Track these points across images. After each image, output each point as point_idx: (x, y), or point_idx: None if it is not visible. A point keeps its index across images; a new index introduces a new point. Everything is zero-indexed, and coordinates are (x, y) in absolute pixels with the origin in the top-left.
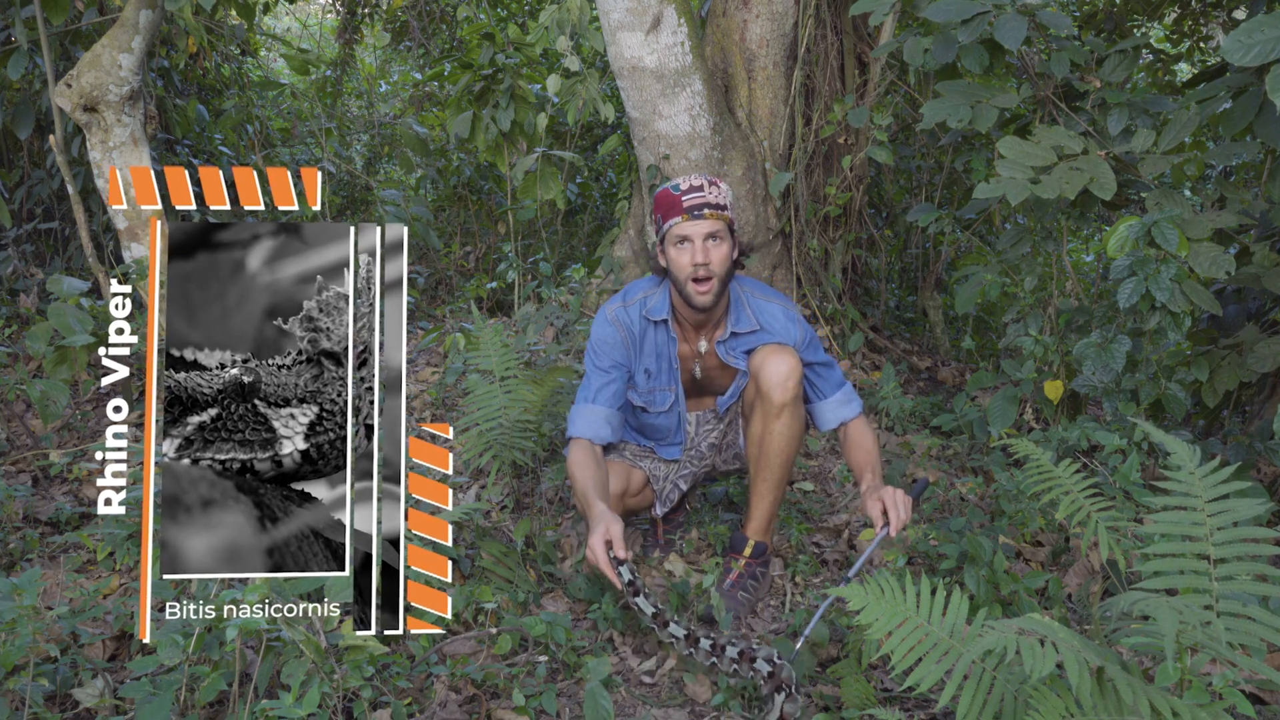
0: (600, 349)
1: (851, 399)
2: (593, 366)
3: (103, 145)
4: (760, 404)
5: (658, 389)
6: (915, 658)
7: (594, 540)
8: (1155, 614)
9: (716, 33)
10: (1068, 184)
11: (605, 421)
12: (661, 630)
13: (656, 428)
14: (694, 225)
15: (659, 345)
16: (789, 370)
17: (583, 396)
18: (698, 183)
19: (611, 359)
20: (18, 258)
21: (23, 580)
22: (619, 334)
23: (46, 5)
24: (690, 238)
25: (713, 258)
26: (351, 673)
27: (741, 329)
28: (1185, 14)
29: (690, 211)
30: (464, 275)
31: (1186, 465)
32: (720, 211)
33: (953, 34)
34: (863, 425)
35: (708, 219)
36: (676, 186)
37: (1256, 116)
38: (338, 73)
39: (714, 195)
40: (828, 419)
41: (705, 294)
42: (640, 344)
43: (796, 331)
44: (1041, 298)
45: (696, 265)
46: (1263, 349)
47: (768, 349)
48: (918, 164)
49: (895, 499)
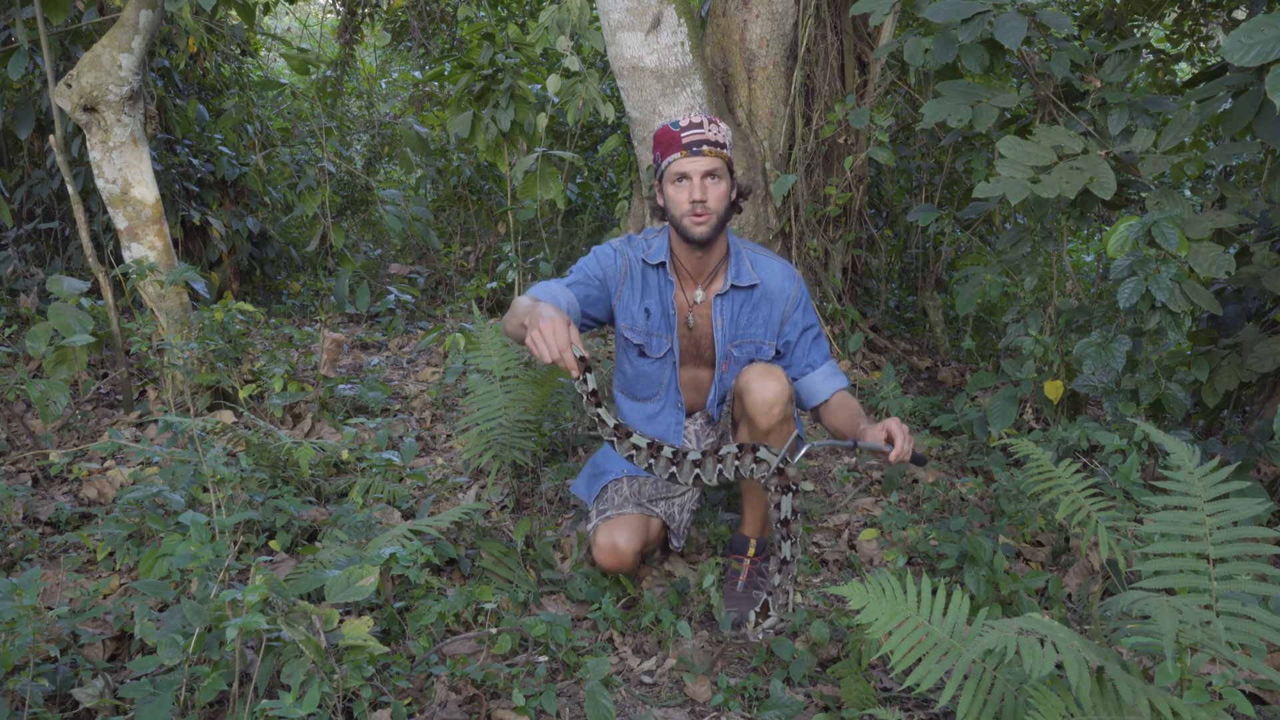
0: (594, 259)
1: (838, 371)
2: (578, 268)
3: (103, 145)
4: (746, 424)
5: (655, 333)
6: (915, 657)
7: (553, 321)
8: (1155, 614)
9: (716, 33)
10: (1068, 184)
11: (566, 304)
12: (622, 441)
13: (649, 379)
14: (692, 162)
15: (658, 288)
16: (775, 396)
17: (557, 280)
18: (697, 120)
19: (600, 272)
20: (18, 258)
21: (23, 580)
22: (620, 261)
23: (46, 5)
24: (689, 174)
25: (710, 195)
26: (351, 673)
27: (741, 282)
28: (1185, 14)
29: (689, 148)
30: (464, 275)
31: (1186, 465)
32: (719, 149)
33: (953, 34)
34: (848, 394)
35: (706, 155)
36: (676, 123)
37: (1256, 116)
38: (338, 72)
39: (713, 133)
40: (817, 391)
41: (701, 224)
42: (642, 281)
43: (792, 288)
44: (1041, 298)
45: (694, 203)
46: (1263, 349)
47: (755, 370)
48: (918, 164)
49: (903, 430)
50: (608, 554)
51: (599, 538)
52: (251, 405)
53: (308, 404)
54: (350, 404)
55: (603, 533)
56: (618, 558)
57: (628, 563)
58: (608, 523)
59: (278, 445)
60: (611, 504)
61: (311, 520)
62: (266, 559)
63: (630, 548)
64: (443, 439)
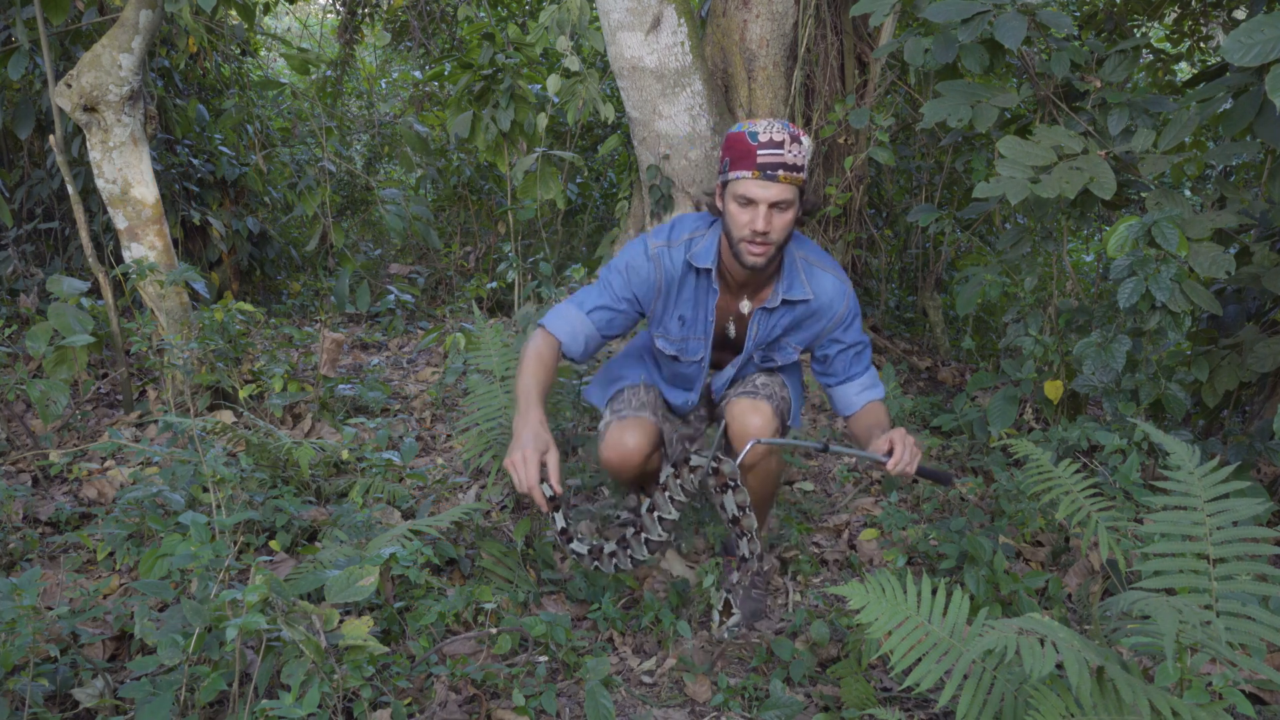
0: (625, 275)
1: (877, 382)
2: (605, 285)
3: (103, 145)
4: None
5: (691, 338)
6: (915, 657)
7: (527, 452)
8: (1155, 614)
9: (716, 33)
10: (1068, 184)
11: (585, 338)
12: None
13: (685, 377)
14: (763, 188)
15: (698, 294)
16: (755, 434)
17: (578, 301)
18: (779, 136)
19: (630, 292)
20: (18, 258)
21: (23, 580)
22: (654, 274)
23: (46, 5)
24: (756, 201)
25: (775, 225)
26: (351, 673)
27: (794, 296)
28: (1185, 14)
29: (763, 170)
30: (464, 275)
31: (1186, 465)
32: (795, 174)
33: (953, 34)
34: (881, 405)
35: (780, 182)
36: (755, 134)
37: (1256, 116)
38: (338, 72)
39: (793, 155)
40: (852, 401)
41: (759, 256)
42: (678, 290)
43: (840, 306)
44: (1041, 298)
45: (755, 233)
46: (1263, 349)
47: (744, 405)
48: (918, 164)
49: (906, 444)
50: (614, 450)
51: (609, 435)
52: (251, 405)
53: (308, 404)
54: (350, 404)
55: (614, 430)
56: (623, 454)
57: (633, 461)
58: (621, 422)
59: (278, 445)
60: (628, 406)
61: (311, 520)
62: (266, 559)
63: (638, 447)
64: (443, 439)
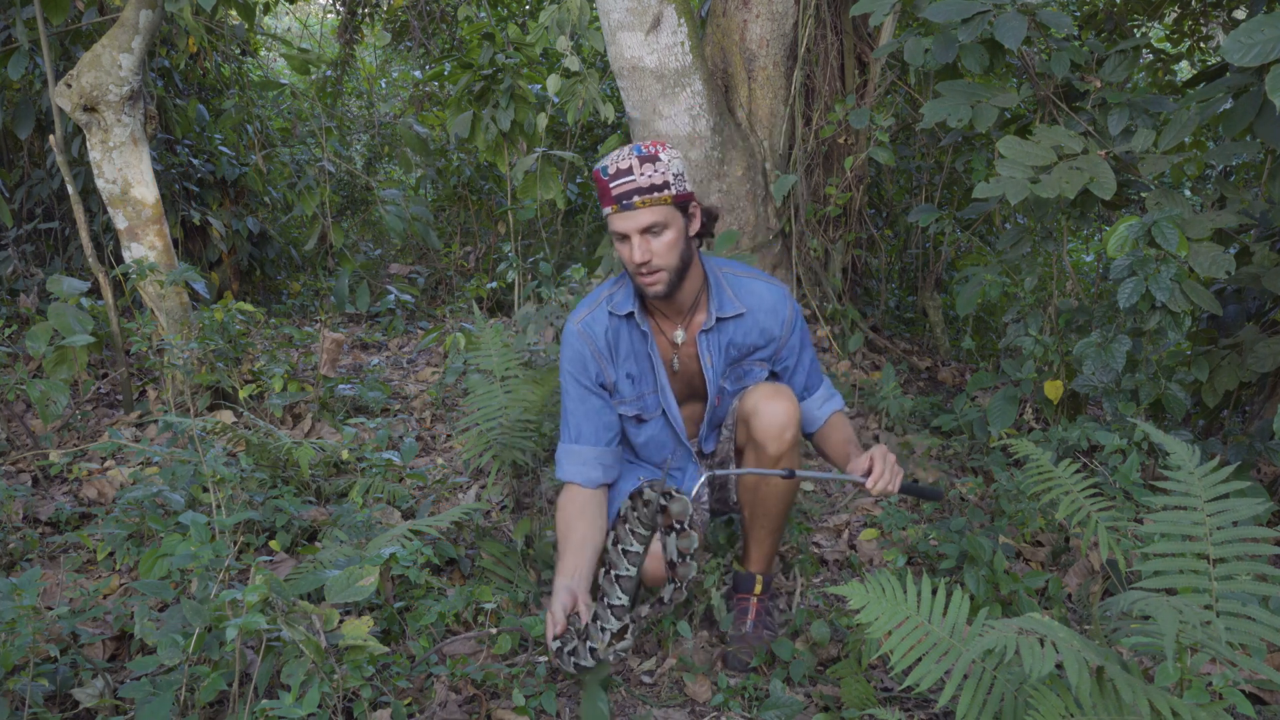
0: (575, 369)
1: (834, 392)
2: (568, 395)
3: (103, 145)
4: (753, 451)
5: (646, 393)
6: (915, 657)
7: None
8: (1155, 614)
9: (716, 33)
10: (1067, 184)
11: (595, 461)
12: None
13: (658, 443)
14: (625, 219)
15: (634, 343)
16: (785, 421)
17: (565, 435)
18: (624, 164)
19: (587, 378)
20: (18, 258)
21: (23, 580)
22: (588, 348)
23: (46, 5)
24: (626, 234)
25: (654, 251)
26: (351, 673)
27: (726, 313)
28: (1185, 14)
29: (619, 201)
30: (464, 275)
31: (1186, 465)
32: (654, 194)
33: (953, 34)
34: (843, 416)
35: (640, 208)
36: (605, 169)
37: (1256, 116)
38: (338, 73)
39: (647, 176)
40: (814, 416)
41: (654, 284)
42: (615, 348)
43: (785, 311)
44: (1041, 298)
45: (637, 264)
46: (1263, 349)
47: (761, 391)
48: (918, 164)
49: (887, 462)
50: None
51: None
52: (251, 405)
53: (308, 404)
54: (350, 404)
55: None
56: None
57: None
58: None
59: (278, 445)
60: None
61: (311, 520)
62: (266, 559)
63: None
64: (443, 439)
